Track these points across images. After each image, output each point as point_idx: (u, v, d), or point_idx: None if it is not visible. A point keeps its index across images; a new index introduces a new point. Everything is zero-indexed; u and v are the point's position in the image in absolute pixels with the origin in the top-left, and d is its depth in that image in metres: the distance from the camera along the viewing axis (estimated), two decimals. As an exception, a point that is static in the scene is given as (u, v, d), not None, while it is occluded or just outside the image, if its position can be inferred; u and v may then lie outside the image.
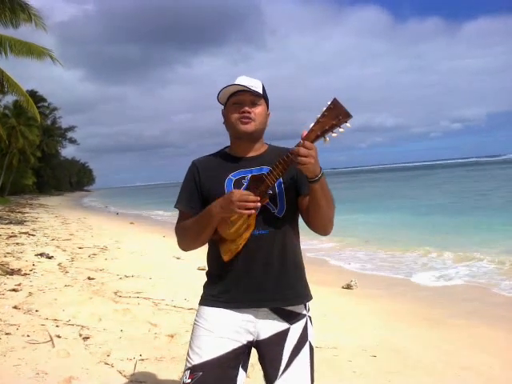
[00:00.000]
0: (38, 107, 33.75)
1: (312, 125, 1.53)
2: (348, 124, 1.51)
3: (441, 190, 30.26)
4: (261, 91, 1.71)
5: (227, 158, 1.78)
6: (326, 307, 5.07)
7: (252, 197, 1.54)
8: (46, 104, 53.69)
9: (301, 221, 1.78)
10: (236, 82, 1.69)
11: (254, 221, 1.64)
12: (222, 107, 1.78)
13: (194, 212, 1.72)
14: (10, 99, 33.49)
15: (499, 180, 35.94)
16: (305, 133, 1.53)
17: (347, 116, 1.49)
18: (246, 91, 1.67)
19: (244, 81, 1.70)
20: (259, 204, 1.55)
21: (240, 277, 1.67)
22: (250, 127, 1.69)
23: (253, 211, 1.55)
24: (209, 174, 1.76)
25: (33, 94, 41.32)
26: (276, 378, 1.66)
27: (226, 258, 1.67)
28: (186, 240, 1.77)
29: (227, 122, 1.75)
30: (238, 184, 1.69)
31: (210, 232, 1.68)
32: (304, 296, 1.75)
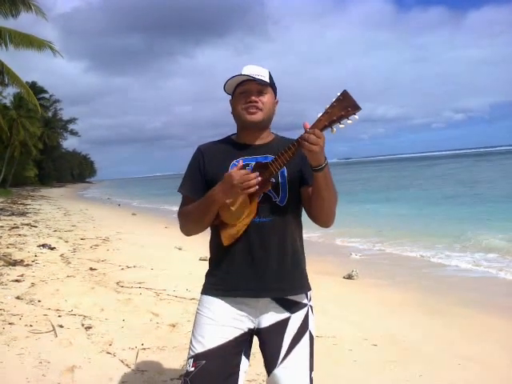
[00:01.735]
0: (39, 99, 33.69)
1: (320, 114, 1.53)
2: (356, 116, 1.52)
3: (451, 180, 30.03)
4: (267, 80, 1.70)
5: (233, 145, 1.78)
6: (327, 297, 5.08)
7: (252, 174, 1.54)
8: (46, 96, 53.60)
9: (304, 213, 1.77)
10: (243, 72, 1.68)
11: (256, 207, 1.64)
12: (230, 97, 1.78)
13: (197, 197, 1.72)
14: (10, 91, 33.42)
15: (508, 171, 35.75)
16: (307, 124, 1.53)
17: (356, 108, 1.50)
18: (252, 80, 1.67)
19: (251, 70, 1.69)
20: (260, 178, 1.55)
21: (240, 264, 1.68)
22: (256, 117, 1.69)
23: (257, 187, 1.55)
24: (213, 160, 1.76)
25: (33, 85, 41.17)
26: (275, 366, 1.67)
27: (225, 242, 1.68)
28: (188, 225, 1.77)
29: (234, 112, 1.75)
30: None
31: (212, 217, 1.68)
32: (302, 287, 1.75)
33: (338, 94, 1.51)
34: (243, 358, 1.68)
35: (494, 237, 9.31)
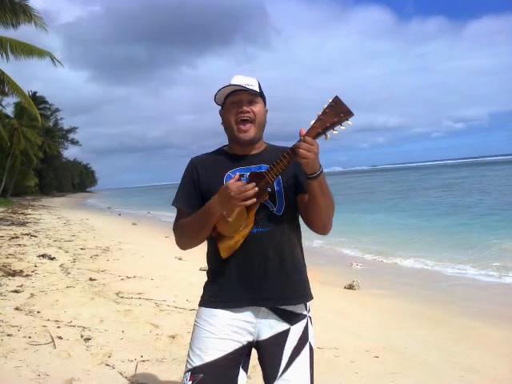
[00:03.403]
0: (40, 109, 33.80)
1: (313, 122, 1.52)
2: (349, 122, 1.50)
3: (454, 190, 29.78)
4: (257, 89, 1.70)
5: (226, 156, 1.77)
6: (328, 307, 5.05)
7: (249, 185, 1.52)
8: (47, 105, 53.76)
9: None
10: (232, 82, 1.68)
11: (253, 218, 1.62)
12: (220, 108, 1.77)
13: (192, 210, 1.70)
14: (11, 100, 33.59)
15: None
16: (303, 131, 1.52)
17: (349, 114, 1.49)
18: (242, 90, 1.66)
19: (240, 80, 1.68)
20: (257, 188, 1.54)
21: (239, 275, 1.66)
22: (249, 134, 1.68)
23: (254, 199, 1.54)
24: (207, 172, 1.74)
25: (33, 95, 41.32)
26: (275, 379, 1.64)
27: (223, 254, 1.66)
28: (185, 238, 1.75)
29: (225, 123, 1.73)
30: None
31: (209, 230, 1.66)
32: (304, 296, 1.73)
33: (330, 100, 1.50)
34: (241, 371, 1.66)
35: (497, 247, 9.27)
